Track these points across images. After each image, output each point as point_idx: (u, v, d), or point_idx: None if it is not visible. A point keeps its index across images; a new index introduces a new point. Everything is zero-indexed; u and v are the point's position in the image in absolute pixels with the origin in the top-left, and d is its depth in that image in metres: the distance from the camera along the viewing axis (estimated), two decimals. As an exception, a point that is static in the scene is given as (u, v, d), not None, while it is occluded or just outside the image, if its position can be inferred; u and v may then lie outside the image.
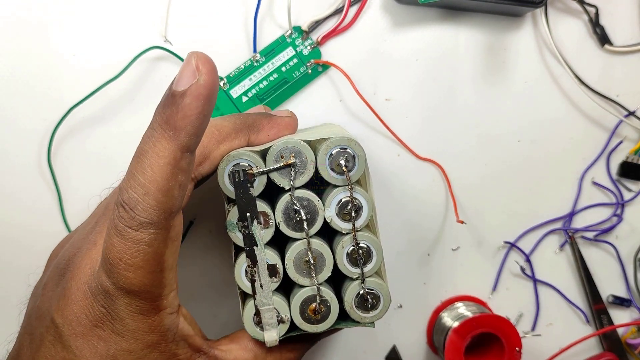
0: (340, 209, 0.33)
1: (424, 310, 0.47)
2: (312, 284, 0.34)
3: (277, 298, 0.34)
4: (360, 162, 0.33)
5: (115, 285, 0.27)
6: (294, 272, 0.33)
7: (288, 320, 0.34)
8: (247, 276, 0.33)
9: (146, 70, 0.42)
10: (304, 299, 0.34)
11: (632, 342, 0.47)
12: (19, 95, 0.41)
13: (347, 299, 0.34)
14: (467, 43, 0.44)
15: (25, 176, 0.42)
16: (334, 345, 0.46)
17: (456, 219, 0.44)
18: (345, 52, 0.43)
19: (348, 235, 0.34)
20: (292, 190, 0.33)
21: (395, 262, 0.46)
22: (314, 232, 0.33)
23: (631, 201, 0.46)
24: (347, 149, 0.33)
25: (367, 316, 0.34)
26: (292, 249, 0.33)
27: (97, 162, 0.42)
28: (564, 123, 0.45)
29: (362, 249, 0.34)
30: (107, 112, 0.42)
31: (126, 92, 0.42)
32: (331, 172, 0.33)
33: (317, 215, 0.33)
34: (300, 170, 0.33)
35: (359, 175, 0.33)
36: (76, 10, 0.41)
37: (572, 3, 0.44)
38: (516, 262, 0.47)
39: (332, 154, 0.33)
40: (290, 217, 0.33)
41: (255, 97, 0.42)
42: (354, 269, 0.34)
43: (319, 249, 0.33)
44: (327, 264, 0.34)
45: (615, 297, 0.47)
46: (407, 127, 0.44)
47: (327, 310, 0.34)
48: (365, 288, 0.34)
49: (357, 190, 0.33)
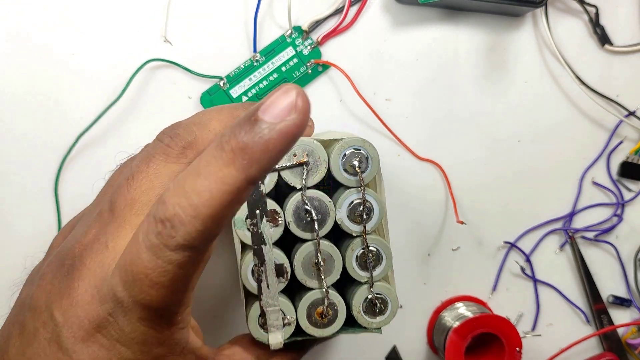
0: (351, 211, 0.33)
1: (424, 310, 0.47)
2: (320, 287, 0.33)
3: (283, 300, 0.33)
4: (373, 163, 0.33)
5: (132, 299, 0.26)
6: (302, 274, 0.33)
7: (294, 322, 0.33)
8: (253, 276, 0.32)
9: (146, 79, 0.41)
10: (311, 301, 0.33)
11: (632, 342, 0.47)
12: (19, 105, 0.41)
13: (355, 304, 0.34)
14: (467, 43, 0.44)
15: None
16: (333, 345, 0.46)
17: (456, 219, 0.44)
18: (346, 52, 0.43)
19: (358, 237, 0.33)
20: (303, 189, 0.32)
21: (396, 262, 0.45)
22: (324, 234, 0.33)
23: (631, 201, 0.46)
24: (361, 150, 0.33)
25: (374, 321, 0.34)
26: (301, 250, 0.33)
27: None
28: (564, 123, 0.45)
29: (372, 252, 0.33)
30: (110, 129, 0.42)
31: (128, 109, 0.42)
32: (344, 172, 0.33)
33: (327, 217, 0.33)
34: (313, 170, 0.32)
35: (372, 177, 0.33)
36: (75, 11, 0.41)
37: (572, 3, 0.44)
38: (516, 262, 0.47)
39: (345, 155, 0.33)
40: (301, 217, 0.33)
41: (255, 97, 0.42)
42: (362, 273, 0.34)
43: (328, 251, 0.33)
44: (337, 267, 0.33)
45: (615, 297, 0.47)
46: (407, 127, 0.44)
47: (334, 314, 0.33)
48: (374, 292, 0.34)
49: (369, 193, 0.33)
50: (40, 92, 0.41)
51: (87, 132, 0.41)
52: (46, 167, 0.42)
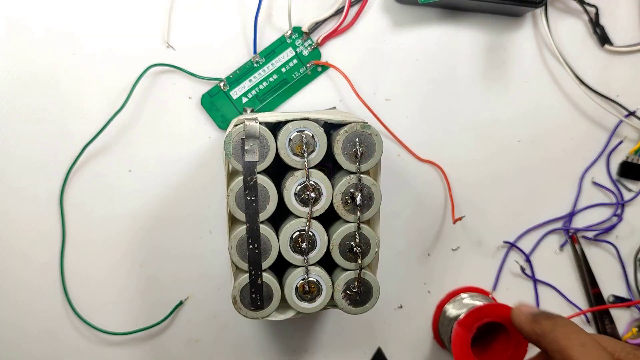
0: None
1: (424, 310, 0.47)
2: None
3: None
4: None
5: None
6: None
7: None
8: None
9: (147, 84, 0.42)
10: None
11: (632, 342, 0.47)
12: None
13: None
14: (467, 43, 0.44)
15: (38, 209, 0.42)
16: (331, 344, 0.46)
17: (452, 220, 0.44)
18: (346, 52, 0.43)
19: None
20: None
21: (396, 262, 0.46)
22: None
23: (631, 201, 0.46)
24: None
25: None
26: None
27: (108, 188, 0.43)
28: (564, 123, 0.45)
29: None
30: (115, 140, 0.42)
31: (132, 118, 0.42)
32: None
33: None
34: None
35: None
36: (76, 14, 0.41)
37: (572, 3, 0.44)
38: (516, 262, 0.47)
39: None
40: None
41: (255, 98, 0.42)
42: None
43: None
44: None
45: (615, 297, 0.47)
46: (407, 127, 0.44)
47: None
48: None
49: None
50: (44, 102, 0.41)
51: (92, 142, 0.41)
52: (51, 177, 0.42)
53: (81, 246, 0.43)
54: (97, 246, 0.43)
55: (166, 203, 0.43)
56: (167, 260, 0.43)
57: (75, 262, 0.43)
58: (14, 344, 0.43)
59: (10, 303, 0.43)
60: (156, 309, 0.44)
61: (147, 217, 0.43)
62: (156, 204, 0.43)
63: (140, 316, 0.44)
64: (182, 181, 0.43)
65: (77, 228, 0.42)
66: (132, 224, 0.43)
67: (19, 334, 0.43)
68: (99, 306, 0.43)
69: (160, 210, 0.43)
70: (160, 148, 0.42)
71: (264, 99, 0.43)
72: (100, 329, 0.43)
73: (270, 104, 0.43)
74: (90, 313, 0.43)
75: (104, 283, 0.43)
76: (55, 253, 0.42)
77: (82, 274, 0.43)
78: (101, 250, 0.43)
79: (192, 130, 0.42)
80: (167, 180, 0.43)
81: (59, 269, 0.43)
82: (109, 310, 0.44)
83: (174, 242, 0.43)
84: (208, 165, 0.43)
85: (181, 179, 0.43)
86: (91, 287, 0.43)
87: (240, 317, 0.36)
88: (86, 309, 0.43)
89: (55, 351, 0.44)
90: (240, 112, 0.42)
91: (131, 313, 0.44)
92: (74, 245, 0.43)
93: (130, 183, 0.42)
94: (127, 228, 0.43)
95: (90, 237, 0.43)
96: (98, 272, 0.43)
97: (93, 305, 0.43)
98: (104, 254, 0.43)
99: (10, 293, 0.43)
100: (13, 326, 0.43)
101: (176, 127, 0.42)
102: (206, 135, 0.42)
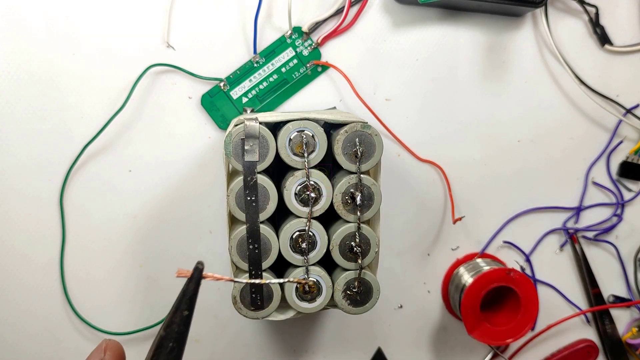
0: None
1: (425, 310, 0.47)
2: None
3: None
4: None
5: None
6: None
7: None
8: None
9: (147, 84, 0.42)
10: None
11: (632, 342, 0.47)
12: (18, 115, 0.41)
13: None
14: (467, 43, 0.44)
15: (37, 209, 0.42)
16: (331, 344, 0.46)
17: (452, 220, 0.44)
18: (346, 52, 0.43)
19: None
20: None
21: (396, 262, 0.46)
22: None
23: (631, 201, 0.46)
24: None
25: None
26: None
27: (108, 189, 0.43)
28: (564, 123, 0.45)
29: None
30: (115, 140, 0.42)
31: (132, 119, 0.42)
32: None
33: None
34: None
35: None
36: (76, 14, 0.41)
37: (572, 3, 0.44)
38: (516, 261, 0.47)
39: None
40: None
41: (255, 98, 0.42)
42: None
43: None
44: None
45: (615, 297, 0.47)
46: (407, 127, 0.44)
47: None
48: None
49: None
50: (44, 102, 0.41)
51: (92, 142, 0.41)
52: (51, 177, 0.42)
53: (81, 246, 0.43)
54: (97, 246, 0.43)
55: (166, 203, 0.43)
56: (167, 260, 0.43)
57: (75, 262, 0.43)
58: (14, 344, 0.43)
59: (10, 303, 0.43)
60: (156, 309, 0.44)
61: (147, 217, 0.43)
62: (156, 204, 0.43)
63: (140, 316, 0.44)
64: (182, 181, 0.43)
65: (77, 228, 0.42)
66: (132, 224, 0.43)
67: (19, 334, 0.43)
68: (99, 306, 0.44)
69: (161, 210, 0.43)
70: (160, 148, 0.42)
71: (264, 99, 0.43)
72: (101, 329, 0.43)
73: (270, 104, 0.43)
74: (90, 313, 0.43)
75: (104, 283, 0.43)
76: (55, 253, 0.42)
77: (82, 274, 0.43)
78: (101, 250, 0.43)
79: (192, 130, 0.42)
80: (167, 180, 0.43)
81: (59, 269, 0.43)
82: (109, 311, 0.44)
83: (174, 242, 0.43)
84: (208, 165, 0.43)
85: (181, 179, 0.43)
86: (91, 287, 0.43)
87: (240, 317, 0.36)
88: (86, 309, 0.43)
89: (55, 351, 0.44)
90: (240, 112, 0.42)
91: (131, 313, 0.44)
92: (74, 246, 0.43)
93: (130, 183, 0.42)
94: (127, 228, 0.43)
95: (91, 237, 0.43)
96: (98, 272, 0.43)
97: (93, 306, 0.43)
98: (104, 254, 0.43)
99: (10, 293, 0.43)
100: (13, 326, 0.43)
101: (176, 127, 0.42)
102: (206, 135, 0.42)
